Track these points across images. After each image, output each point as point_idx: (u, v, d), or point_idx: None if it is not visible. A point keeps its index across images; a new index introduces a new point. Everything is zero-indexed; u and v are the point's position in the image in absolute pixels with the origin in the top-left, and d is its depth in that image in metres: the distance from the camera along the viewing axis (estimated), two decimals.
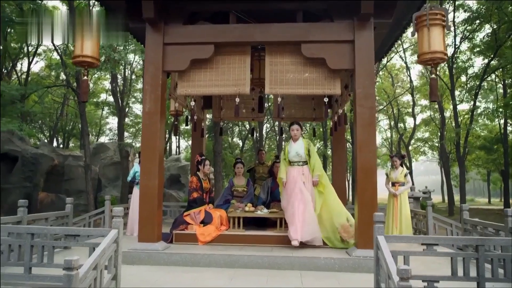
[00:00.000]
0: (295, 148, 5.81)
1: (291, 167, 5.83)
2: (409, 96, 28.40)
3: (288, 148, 5.92)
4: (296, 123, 6.00)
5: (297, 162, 5.81)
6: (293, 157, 5.82)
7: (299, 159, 5.81)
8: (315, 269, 4.88)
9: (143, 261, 5.08)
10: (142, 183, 5.38)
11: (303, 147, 5.81)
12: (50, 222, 5.86)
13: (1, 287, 3.80)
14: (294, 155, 5.80)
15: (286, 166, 5.92)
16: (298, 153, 5.80)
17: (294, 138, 5.90)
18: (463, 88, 21.29)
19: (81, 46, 4.88)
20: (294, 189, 5.64)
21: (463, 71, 19.53)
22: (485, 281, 3.54)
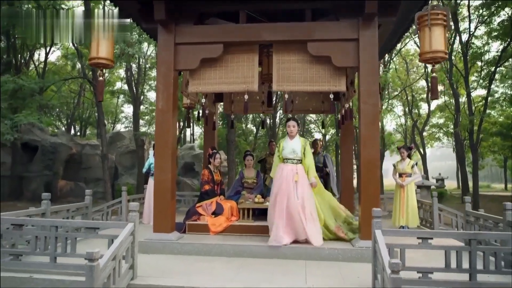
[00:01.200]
0: (291, 145, 5.62)
1: (283, 164, 5.60)
2: (424, 82, 28.15)
3: (284, 144, 5.70)
4: (293, 119, 5.81)
5: (291, 159, 5.58)
6: (288, 154, 5.61)
7: (294, 156, 5.59)
8: (320, 259, 5.15)
9: (158, 251, 5.41)
10: (156, 178, 5.69)
11: (300, 145, 5.63)
12: (71, 213, 6.21)
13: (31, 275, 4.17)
14: (289, 151, 5.59)
15: (279, 162, 5.72)
16: (294, 150, 5.59)
17: (291, 135, 5.69)
18: (479, 74, 21.03)
19: (97, 49, 5.16)
20: (283, 186, 5.46)
21: (478, 57, 19.27)
22: (476, 273, 3.75)
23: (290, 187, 5.40)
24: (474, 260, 3.76)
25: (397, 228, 7.69)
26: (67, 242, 4.37)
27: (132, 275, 4.19)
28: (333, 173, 8.95)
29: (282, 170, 5.54)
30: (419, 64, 28.88)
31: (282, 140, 5.77)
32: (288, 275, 4.55)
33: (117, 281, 3.80)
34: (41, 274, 4.28)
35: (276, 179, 5.61)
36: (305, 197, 5.42)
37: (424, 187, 12.80)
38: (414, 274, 3.83)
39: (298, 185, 5.42)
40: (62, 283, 4.17)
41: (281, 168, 5.58)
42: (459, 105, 21.84)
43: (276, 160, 5.78)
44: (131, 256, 4.19)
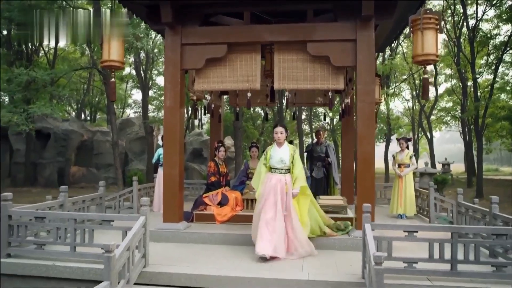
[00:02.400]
0: (280, 153, 5.22)
1: (271, 174, 5.22)
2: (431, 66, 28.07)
3: (271, 152, 5.29)
4: (281, 125, 5.40)
5: (279, 169, 5.20)
6: (275, 163, 5.22)
7: (282, 166, 5.20)
8: (318, 248, 5.50)
9: (168, 239, 5.83)
10: (165, 172, 6.09)
11: (288, 153, 5.22)
12: (87, 203, 6.65)
13: (54, 263, 4.61)
14: (277, 161, 5.19)
15: (264, 173, 5.32)
16: (282, 160, 5.19)
17: (279, 142, 5.29)
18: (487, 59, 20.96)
19: (108, 52, 5.50)
20: (270, 198, 5.11)
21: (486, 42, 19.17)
22: (457, 263, 4.11)
23: (277, 199, 5.05)
24: (455, 252, 4.12)
25: (395, 216, 8.09)
26: (85, 233, 4.80)
27: (144, 263, 4.62)
28: (335, 162, 9.27)
29: (270, 181, 5.16)
30: None
31: (270, 147, 5.38)
32: (287, 263, 4.94)
33: (131, 269, 4.23)
34: (63, 262, 4.74)
35: (262, 189, 5.21)
36: (291, 210, 5.12)
37: (426, 174, 13.08)
38: (400, 263, 4.20)
39: (287, 196, 5.09)
40: (82, 270, 4.63)
41: (269, 178, 5.20)
42: (467, 90, 21.87)
43: (262, 168, 5.35)
44: (143, 246, 4.61)
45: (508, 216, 4.88)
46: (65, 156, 19.99)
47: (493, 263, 4.23)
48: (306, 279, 4.34)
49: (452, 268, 4.14)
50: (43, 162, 19.41)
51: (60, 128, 19.92)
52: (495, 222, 5.10)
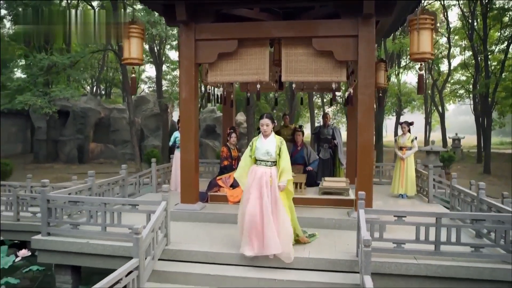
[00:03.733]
0: (266, 145, 4.97)
1: (256, 166, 5.00)
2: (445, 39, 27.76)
3: (257, 143, 5.07)
4: (267, 116, 5.12)
5: (265, 161, 4.96)
6: (261, 155, 4.98)
7: (268, 158, 4.96)
8: (320, 227, 6.12)
9: (185, 219, 6.48)
10: (182, 157, 6.68)
11: (275, 145, 4.98)
12: (111, 185, 7.32)
13: (88, 241, 5.30)
14: (263, 153, 4.96)
15: (250, 165, 5.11)
16: (268, 152, 4.95)
17: (264, 134, 5.05)
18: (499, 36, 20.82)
19: (129, 50, 6.01)
20: (255, 191, 4.90)
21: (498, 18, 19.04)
22: (440, 245, 4.66)
23: (263, 192, 4.85)
24: (439, 234, 4.66)
25: (396, 196, 8.63)
26: (113, 215, 5.46)
27: (166, 242, 5.28)
28: (341, 144, 9.79)
29: (255, 173, 4.95)
30: (442, 19, 28.37)
31: (256, 139, 5.15)
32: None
33: (155, 247, 4.89)
34: (95, 240, 5.43)
35: (248, 182, 5.02)
36: (278, 203, 4.89)
37: (432, 153, 13.46)
38: (390, 244, 4.77)
39: (272, 189, 4.88)
40: (112, 247, 5.31)
41: (254, 171, 4.98)
42: (479, 66, 21.82)
43: (247, 160, 5.13)
44: (165, 227, 5.25)
45: (492, 201, 5.38)
46: (84, 133, 20.80)
47: (472, 245, 4.77)
48: (307, 256, 4.96)
49: (436, 248, 4.70)
50: (63, 139, 20.26)
51: (78, 107, 20.65)
52: (481, 206, 5.61)
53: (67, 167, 19.03)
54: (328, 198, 7.13)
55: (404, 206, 7.76)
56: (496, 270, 4.54)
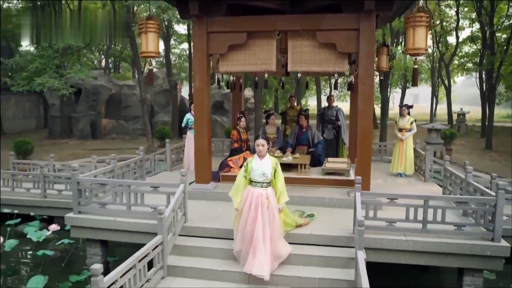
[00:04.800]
0: (261, 167, 4.95)
1: (251, 188, 5.01)
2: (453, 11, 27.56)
3: (252, 165, 5.02)
4: (262, 137, 5.10)
5: (260, 183, 4.97)
6: (257, 177, 4.96)
7: (264, 179, 4.96)
8: (322, 205, 6.75)
9: (200, 198, 7.11)
10: (196, 142, 7.27)
11: (270, 166, 4.97)
12: (131, 166, 7.96)
13: (115, 218, 5.98)
14: (259, 174, 4.95)
15: (244, 185, 5.11)
16: (264, 173, 4.94)
17: (260, 154, 5.03)
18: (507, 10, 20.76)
19: (146, 44, 6.53)
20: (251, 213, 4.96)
21: None
22: (427, 223, 5.27)
23: (258, 214, 4.91)
24: (426, 214, 5.27)
25: (395, 174, 9.21)
26: (137, 196, 6.12)
27: (185, 219, 5.95)
28: (344, 125, 10.32)
29: (252, 195, 4.97)
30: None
31: (251, 159, 5.11)
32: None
33: (175, 225, 5.56)
34: (121, 218, 6.12)
35: (243, 203, 5.08)
36: (275, 223, 5.03)
37: (434, 130, 13.91)
38: (383, 223, 5.39)
39: (269, 211, 4.95)
40: (137, 224, 6.00)
41: (250, 192, 5.01)
42: (486, 40, 21.84)
43: (241, 180, 5.13)
44: (183, 206, 5.91)
45: (477, 184, 5.93)
46: (96, 110, 21.43)
47: (455, 224, 5.37)
48: (309, 233, 5.61)
49: (423, 227, 5.31)
50: (77, 116, 20.92)
51: (90, 84, 21.18)
52: (468, 188, 6.18)
53: (81, 143, 19.76)
54: (330, 178, 7.72)
55: (402, 185, 8.35)
56: (475, 245, 5.17)
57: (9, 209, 8.49)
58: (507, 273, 6.13)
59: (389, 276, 5.91)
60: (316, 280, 4.91)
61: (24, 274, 6.75)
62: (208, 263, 5.30)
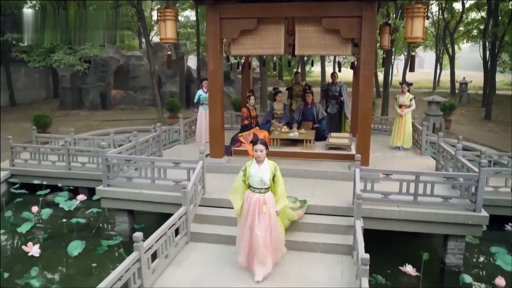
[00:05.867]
0: (260, 173, 4.90)
1: (250, 193, 4.97)
2: None
3: (251, 170, 4.97)
4: (261, 142, 5.00)
5: (259, 189, 4.93)
6: (256, 183, 4.92)
7: (263, 185, 4.92)
8: (325, 178, 7.48)
9: (214, 171, 7.83)
10: (211, 121, 7.94)
11: (269, 172, 4.92)
12: (150, 142, 8.66)
13: (141, 191, 6.73)
14: (257, 181, 4.90)
15: (242, 189, 5.09)
16: (262, 180, 4.89)
17: (258, 159, 4.96)
18: None
19: (165, 31, 7.09)
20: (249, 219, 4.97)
21: None
22: (418, 196, 6.00)
23: (255, 219, 4.92)
24: (417, 188, 5.98)
25: (394, 147, 9.89)
26: (160, 171, 6.84)
27: (203, 192, 6.70)
28: (347, 101, 10.92)
29: (250, 200, 4.96)
30: None
31: (249, 164, 5.07)
32: (303, 190, 6.92)
33: (196, 197, 6.31)
34: (146, 190, 6.86)
35: (243, 208, 5.08)
36: (272, 228, 5.01)
37: (434, 103, 14.42)
38: (379, 195, 6.12)
39: (266, 216, 4.92)
40: (160, 196, 6.75)
41: (249, 197, 4.99)
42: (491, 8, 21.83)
43: (239, 184, 5.12)
44: (202, 180, 6.64)
45: (464, 161, 6.61)
46: (105, 81, 21.94)
47: (442, 196, 6.09)
48: (314, 204, 6.36)
49: (414, 199, 6.04)
50: (87, 87, 21.47)
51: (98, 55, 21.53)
52: (457, 163, 6.86)
53: (92, 113, 20.40)
54: (333, 152, 8.41)
55: (399, 158, 9.06)
56: (459, 215, 5.92)
57: (39, 181, 9.29)
58: (488, 237, 6.95)
59: (384, 241, 6.68)
60: (319, 245, 5.70)
61: (60, 240, 7.55)
62: (225, 230, 6.07)
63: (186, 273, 5.16)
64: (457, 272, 6.15)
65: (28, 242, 6.34)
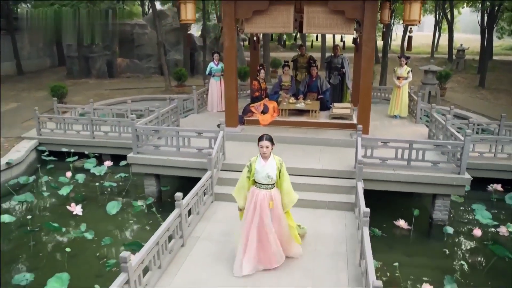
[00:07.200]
0: (266, 169, 4.80)
1: (257, 189, 4.88)
2: None
3: (256, 166, 4.85)
4: (267, 138, 4.85)
5: (265, 185, 4.84)
6: (262, 179, 4.82)
7: (269, 181, 4.83)
8: (330, 145, 8.41)
9: (229, 139, 8.65)
10: (227, 93, 8.77)
11: (275, 167, 4.83)
12: (169, 113, 9.50)
13: (168, 157, 7.64)
14: (263, 176, 4.80)
15: (247, 185, 4.96)
16: (269, 175, 4.80)
17: (264, 156, 4.84)
18: None
19: (185, 13, 7.79)
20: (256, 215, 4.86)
21: None
22: (411, 161, 6.94)
23: (263, 217, 4.85)
24: (410, 154, 6.92)
25: (392, 116, 10.78)
26: (184, 139, 7.73)
27: (224, 158, 7.62)
28: (348, 73, 11.70)
29: (256, 196, 4.86)
30: None
31: (254, 160, 4.93)
32: (310, 156, 7.87)
33: (218, 162, 7.24)
34: (172, 157, 7.77)
35: (248, 203, 4.96)
36: (281, 224, 4.99)
37: (430, 72, 15.11)
38: (377, 160, 7.06)
39: (273, 212, 4.89)
40: (185, 162, 7.67)
41: (255, 193, 4.88)
42: None
43: (244, 181, 4.98)
44: (222, 148, 7.55)
45: (452, 130, 7.52)
46: (111, 50, 22.40)
47: (431, 161, 7.03)
48: (320, 168, 7.31)
49: (408, 163, 7.00)
50: (94, 56, 21.95)
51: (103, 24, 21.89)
52: (446, 132, 7.77)
53: (100, 82, 20.99)
54: (336, 122, 9.29)
55: (395, 126, 9.96)
56: (445, 177, 6.90)
57: (66, 149, 10.18)
58: (473, 197, 7.98)
59: (381, 200, 7.66)
60: (326, 202, 6.68)
61: (96, 201, 8.50)
62: None
63: (215, 226, 6.15)
64: (442, 225, 7.18)
65: (71, 203, 7.31)
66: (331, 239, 5.75)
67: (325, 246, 5.56)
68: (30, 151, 10.19)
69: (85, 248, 6.52)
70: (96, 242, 6.66)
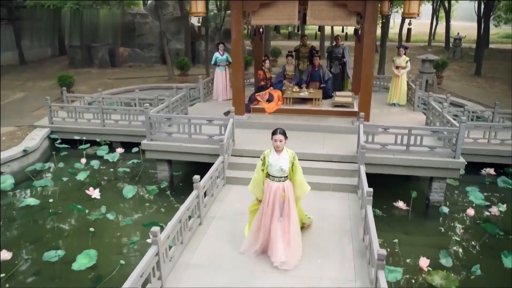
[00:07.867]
0: (279, 162, 4.95)
1: (270, 181, 5.06)
2: None
3: (270, 159, 5.00)
4: (280, 132, 4.97)
5: (278, 177, 5.01)
6: (275, 172, 4.99)
7: (282, 174, 5.00)
8: (332, 132, 8.86)
9: (237, 126, 9.02)
10: (234, 83, 9.17)
11: (288, 160, 4.97)
12: (179, 102, 9.91)
13: (180, 144, 8.09)
14: (277, 169, 4.97)
15: (262, 178, 5.13)
16: (282, 168, 4.96)
17: (277, 149, 4.97)
18: None
19: (196, 6, 8.15)
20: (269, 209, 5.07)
21: None
22: (409, 146, 7.42)
23: (275, 209, 5.06)
24: (409, 140, 7.39)
25: (391, 104, 11.23)
26: (196, 127, 8.17)
27: (233, 144, 8.07)
28: (349, 62, 12.11)
29: (270, 188, 5.05)
30: None
31: (267, 153, 5.07)
32: (314, 142, 8.33)
33: (229, 148, 7.69)
34: (184, 143, 8.22)
35: (264, 197, 5.16)
36: (291, 215, 5.13)
37: (427, 61, 15.53)
38: (378, 146, 7.53)
39: (285, 203, 5.06)
40: (197, 148, 8.11)
41: (269, 185, 5.08)
42: None
43: (259, 173, 5.14)
44: (232, 135, 7.99)
45: (448, 117, 7.99)
46: (113, 39, 22.65)
47: (428, 146, 7.51)
48: (325, 153, 7.78)
49: (406, 148, 7.48)
50: (96, 46, 22.21)
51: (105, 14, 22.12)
52: (442, 119, 8.25)
53: (102, 71, 21.28)
54: (338, 110, 9.74)
55: (394, 114, 10.42)
56: (442, 161, 7.39)
57: (78, 136, 10.59)
58: (467, 180, 8.49)
59: (381, 183, 8.13)
60: (331, 185, 7.17)
61: (111, 185, 8.94)
62: (252, 174, 7.46)
63: (228, 207, 6.62)
64: (438, 206, 7.69)
65: (89, 187, 7.76)
66: (336, 218, 6.25)
67: (331, 224, 6.06)
68: (43, 139, 10.58)
69: (107, 228, 7.00)
70: (115, 223, 7.14)
